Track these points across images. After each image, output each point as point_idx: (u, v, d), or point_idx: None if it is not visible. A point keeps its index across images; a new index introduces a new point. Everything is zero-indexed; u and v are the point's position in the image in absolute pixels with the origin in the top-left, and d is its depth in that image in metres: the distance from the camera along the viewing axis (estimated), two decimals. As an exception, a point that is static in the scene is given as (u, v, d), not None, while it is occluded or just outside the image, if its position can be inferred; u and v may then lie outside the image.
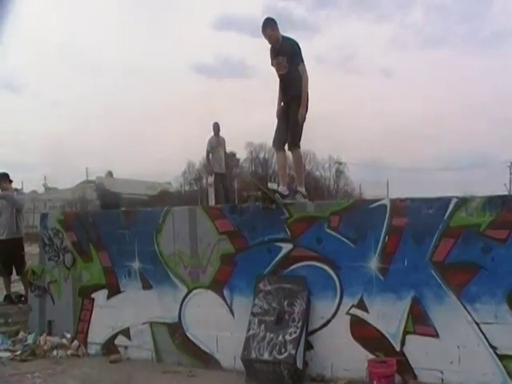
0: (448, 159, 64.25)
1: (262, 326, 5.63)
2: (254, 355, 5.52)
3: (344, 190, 49.24)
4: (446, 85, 66.95)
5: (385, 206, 5.56)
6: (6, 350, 7.05)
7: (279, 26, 6.51)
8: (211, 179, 12.14)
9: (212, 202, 11.74)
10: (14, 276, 8.82)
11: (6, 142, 65.07)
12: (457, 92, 66.63)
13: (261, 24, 6.45)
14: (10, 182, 8.94)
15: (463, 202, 5.26)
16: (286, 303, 5.65)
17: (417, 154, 60.97)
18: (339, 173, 51.84)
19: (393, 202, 5.60)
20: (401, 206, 5.52)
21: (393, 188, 28.30)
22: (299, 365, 5.44)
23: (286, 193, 6.29)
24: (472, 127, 62.38)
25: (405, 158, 66.70)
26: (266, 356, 5.47)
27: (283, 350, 5.42)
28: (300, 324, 5.50)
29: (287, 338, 5.47)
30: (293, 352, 5.37)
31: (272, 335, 5.55)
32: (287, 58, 6.29)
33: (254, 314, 5.75)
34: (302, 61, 6.36)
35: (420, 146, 64.33)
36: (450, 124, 63.66)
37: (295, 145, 6.53)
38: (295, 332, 5.47)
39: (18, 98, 69.53)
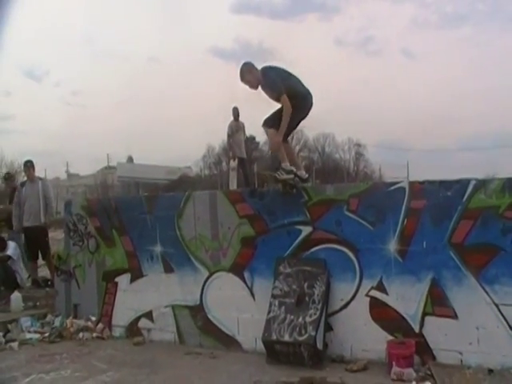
0: (471, 140, 63.27)
1: (283, 308, 5.71)
2: (274, 337, 5.60)
3: (363, 172, 48.89)
4: (468, 64, 65.67)
5: (403, 188, 5.57)
6: (35, 332, 7.24)
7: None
8: (233, 163, 12.18)
9: (234, 186, 11.81)
10: (41, 261, 9.05)
11: (28, 130, 65.97)
12: (480, 71, 65.30)
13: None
14: (34, 168, 9.14)
15: (482, 184, 5.26)
16: (306, 285, 5.71)
17: (438, 136, 60.10)
18: (359, 155, 51.46)
19: (411, 184, 5.61)
20: (419, 189, 5.53)
21: (413, 170, 27.96)
22: (319, 346, 5.51)
23: (305, 176, 6.29)
24: (496, 107, 61.19)
25: (426, 139, 65.80)
26: (286, 337, 5.54)
27: (303, 332, 5.49)
28: (320, 306, 5.57)
29: (307, 319, 5.53)
30: (313, 333, 5.44)
31: (292, 317, 5.61)
32: (271, 93, 6.05)
33: (274, 296, 5.82)
34: (282, 93, 5.84)
35: (442, 127, 63.34)
36: (473, 104, 62.56)
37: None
38: (315, 314, 5.54)
39: (39, 86, 70.13)
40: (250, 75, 6.08)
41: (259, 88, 6.08)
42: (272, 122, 5.99)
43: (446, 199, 5.36)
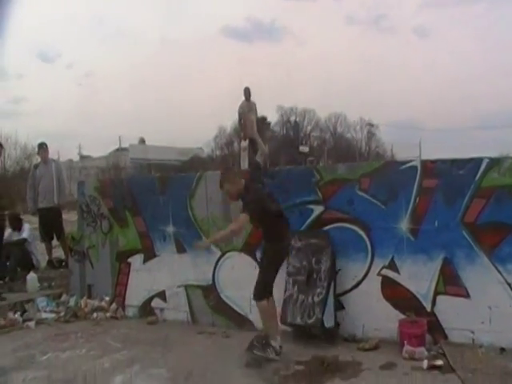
0: (484, 119, 62.64)
1: (296, 287, 5.74)
2: (289, 319, 5.66)
3: (375, 151, 48.77)
4: (482, 42, 64.72)
5: (415, 167, 5.54)
6: (50, 312, 7.37)
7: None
8: (244, 143, 12.15)
9: (245, 166, 11.79)
10: (55, 242, 9.14)
11: (41, 113, 66.19)
12: (494, 49, 64.41)
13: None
14: (47, 150, 9.21)
15: (495, 162, 5.21)
16: (314, 261, 5.72)
17: (451, 114, 59.57)
18: (371, 134, 51.25)
19: (423, 163, 5.58)
20: (431, 168, 5.49)
21: (426, 149, 27.84)
22: (328, 325, 5.54)
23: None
24: (510, 85, 60.36)
25: (439, 118, 65.25)
26: (298, 320, 5.60)
27: (312, 314, 5.53)
28: (326, 283, 5.57)
29: (315, 299, 5.56)
30: (320, 316, 5.47)
31: (303, 297, 5.64)
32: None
33: (288, 274, 5.83)
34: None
35: (455, 105, 62.72)
36: (487, 83, 61.74)
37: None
38: (321, 293, 5.55)
39: (52, 68, 70.23)
40: (231, 185, 5.27)
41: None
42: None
43: (458, 178, 5.33)
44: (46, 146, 9.21)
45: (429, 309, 5.43)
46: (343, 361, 5.00)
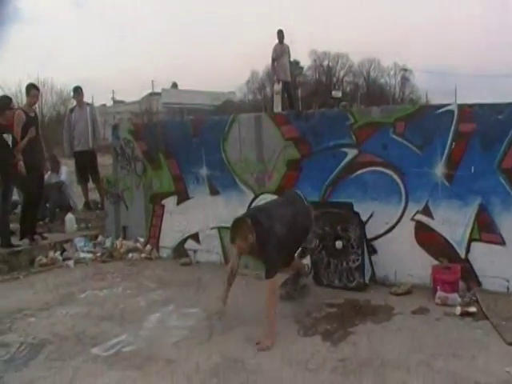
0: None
1: (323, 252, 5.69)
2: (325, 282, 5.69)
3: (409, 97, 47.67)
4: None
5: (452, 111, 5.38)
6: (88, 252, 7.58)
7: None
8: (277, 87, 12.01)
9: (278, 110, 11.68)
10: (91, 185, 9.32)
11: (75, 58, 66.29)
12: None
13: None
14: (82, 93, 9.27)
15: (536, 106, 5.02)
16: (339, 228, 5.61)
17: (489, 60, 57.34)
18: (405, 80, 50.03)
19: (460, 107, 5.40)
20: (469, 112, 5.32)
21: (461, 95, 26.96)
22: (369, 281, 5.60)
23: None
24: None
25: (475, 65, 62.91)
26: (336, 283, 5.61)
27: (352, 279, 5.53)
28: (360, 251, 5.51)
29: (352, 265, 5.53)
30: (361, 280, 5.49)
31: (336, 261, 5.62)
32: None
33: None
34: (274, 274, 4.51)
35: (492, 51, 60.21)
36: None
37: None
38: (357, 259, 5.51)
39: (84, 13, 69.73)
40: (244, 242, 4.53)
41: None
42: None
43: (496, 123, 5.16)
44: (81, 89, 9.27)
45: (463, 255, 5.38)
46: (375, 305, 5.03)
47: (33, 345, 4.44)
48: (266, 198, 6.35)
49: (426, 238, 5.57)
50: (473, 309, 4.71)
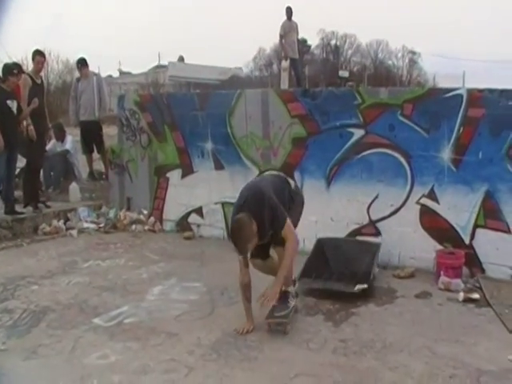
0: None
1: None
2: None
3: (417, 80, 47.26)
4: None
5: (461, 95, 5.32)
6: (91, 222, 7.60)
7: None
8: (285, 64, 11.89)
9: (285, 87, 11.59)
10: (96, 155, 9.29)
11: (81, 28, 65.66)
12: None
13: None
14: (87, 65, 9.16)
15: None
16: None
17: (498, 45, 56.60)
18: (412, 63, 49.62)
19: (469, 91, 5.33)
20: (478, 97, 5.26)
21: (470, 80, 26.61)
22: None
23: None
24: None
25: (484, 49, 62.12)
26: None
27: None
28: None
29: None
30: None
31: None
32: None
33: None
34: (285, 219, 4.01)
35: (502, 35, 59.38)
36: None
37: None
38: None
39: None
40: (254, 240, 3.93)
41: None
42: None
43: (506, 109, 5.11)
44: (85, 61, 9.13)
45: (467, 241, 5.37)
46: (378, 286, 5.03)
47: (35, 312, 4.47)
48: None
49: (431, 222, 5.55)
50: (476, 295, 4.70)
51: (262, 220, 3.90)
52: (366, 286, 4.74)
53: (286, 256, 3.97)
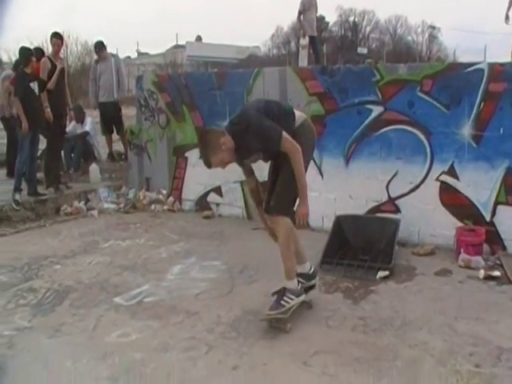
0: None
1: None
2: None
3: (437, 56, 46.50)
4: None
5: (482, 70, 5.21)
6: (111, 202, 7.70)
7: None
8: (304, 41, 11.73)
9: (303, 64, 11.48)
10: (115, 136, 9.35)
11: (100, 9, 65.57)
12: None
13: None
14: (105, 48, 9.19)
15: None
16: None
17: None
18: (432, 38, 48.77)
19: (491, 66, 5.21)
20: (500, 71, 5.14)
21: (491, 55, 26.03)
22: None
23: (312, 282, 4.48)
24: None
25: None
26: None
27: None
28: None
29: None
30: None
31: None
32: (256, 154, 3.94)
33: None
34: (281, 136, 3.65)
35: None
36: None
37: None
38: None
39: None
40: (220, 154, 3.69)
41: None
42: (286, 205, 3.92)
43: (529, 83, 4.99)
44: (103, 44, 9.16)
45: (488, 218, 5.31)
46: (397, 264, 4.99)
47: (58, 291, 4.55)
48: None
49: (451, 199, 5.50)
50: (496, 273, 4.66)
51: (241, 138, 3.65)
52: (387, 273, 4.73)
53: (296, 169, 3.71)
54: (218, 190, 7.13)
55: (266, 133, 3.64)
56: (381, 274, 4.73)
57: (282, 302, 3.74)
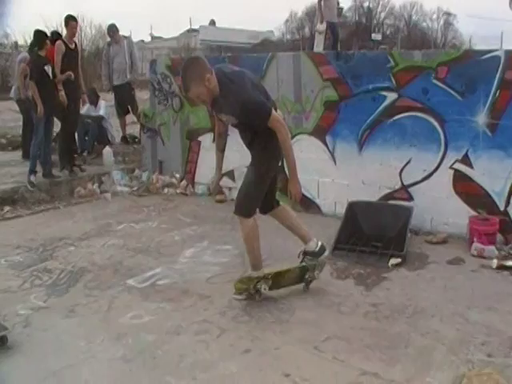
0: None
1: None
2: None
3: (452, 43, 46.00)
4: None
5: (498, 57, 5.11)
6: (124, 185, 7.74)
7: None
8: (321, 26, 11.59)
9: (319, 50, 11.39)
10: (128, 119, 9.39)
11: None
12: None
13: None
14: (118, 31, 9.20)
15: None
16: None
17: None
18: (448, 25, 48.23)
19: (508, 53, 5.11)
20: (517, 58, 5.07)
21: (508, 43, 25.68)
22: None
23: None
24: None
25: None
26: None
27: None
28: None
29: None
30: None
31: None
32: (236, 117, 3.79)
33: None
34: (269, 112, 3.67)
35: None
36: None
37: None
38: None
39: None
40: (201, 87, 3.63)
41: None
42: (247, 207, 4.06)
43: (546, 71, 4.92)
44: (116, 27, 9.17)
45: (502, 208, 5.25)
46: (410, 251, 4.98)
47: (72, 272, 4.62)
48: (301, 139, 6.36)
49: (465, 187, 5.45)
50: (510, 263, 4.62)
51: (225, 95, 3.62)
52: (399, 260, 4.73)
53: (284, 147, 3.85)
54: (230, 175, 7.10)
55: (255, 108, 3.63)
56: (393, 261, 4.73)
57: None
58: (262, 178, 4.04)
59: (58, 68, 7.28)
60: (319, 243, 4.37)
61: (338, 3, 12.54)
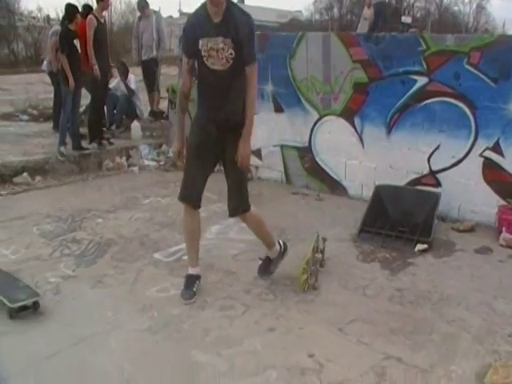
0: None
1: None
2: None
3: (484, 28, 44.88)
4: None
5: (535, 42, 5.02)
6: (152, 160, 7.80)
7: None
8: (368, 12, 11.32)
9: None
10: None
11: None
12: None
13: None
14: (148, 5, 9.20)
15: None
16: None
17: None
18: (480, 9, 47.06)
19: (543, 39, 5.03)
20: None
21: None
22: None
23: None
24: None
25: None
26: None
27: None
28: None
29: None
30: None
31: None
32: (234, 43, 3.44)
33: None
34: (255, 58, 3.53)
35: None
36: None
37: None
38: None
39: None
40: None
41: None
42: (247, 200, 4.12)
43: None
44: (146, 1, 9.18)
45: (533, 198, 5.20)
46: (436, 238, 4.95)
47: (100, 244, 4.69)
48: (330, 120, 6.31)
49: (494, 176, 5.38)
50: (539, 254, 4.57)
51: (232, 18, 3.44)
52: (426, 246, 4.71)
53: (250, 98, 3.56)
54: (257, 153, 7.10)
55: (254, 43, 3.48)
56: (419, 246, 4.71)
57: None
58: (244, 174, 4.09)
59: (91, 41, 7.31)
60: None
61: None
